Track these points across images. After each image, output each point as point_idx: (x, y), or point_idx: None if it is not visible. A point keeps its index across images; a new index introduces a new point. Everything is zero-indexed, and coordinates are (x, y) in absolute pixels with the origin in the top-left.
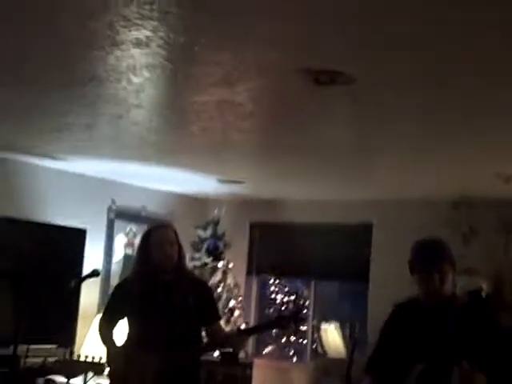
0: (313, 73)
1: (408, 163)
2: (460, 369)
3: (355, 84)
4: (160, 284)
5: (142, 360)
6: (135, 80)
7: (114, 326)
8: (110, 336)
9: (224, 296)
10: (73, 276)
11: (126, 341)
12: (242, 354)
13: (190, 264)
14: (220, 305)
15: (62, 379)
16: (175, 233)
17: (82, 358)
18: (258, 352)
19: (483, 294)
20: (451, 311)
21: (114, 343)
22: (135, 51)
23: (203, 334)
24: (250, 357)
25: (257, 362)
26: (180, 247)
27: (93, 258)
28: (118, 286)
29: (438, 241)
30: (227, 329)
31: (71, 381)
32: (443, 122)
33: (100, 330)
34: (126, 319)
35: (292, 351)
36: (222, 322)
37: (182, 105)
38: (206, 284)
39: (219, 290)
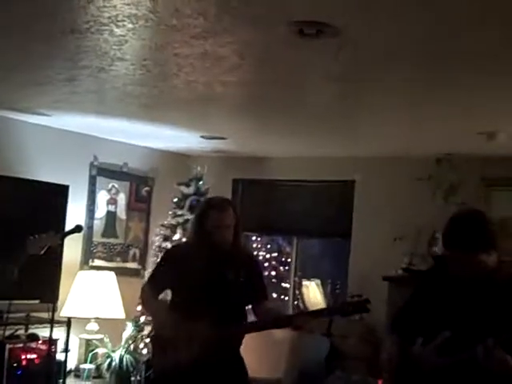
0: (298, 24)
1: (392, 120)
2: (484, 346)
3: (341, 36)
4: (213, 258)
5: (190, 329)
6: (117, 31)
7: (160, 293)
8: (155, 303)
9: None
10: (56, 231)
11: (170, 309)
12: None
13: (172, 221)
14: None
15: (45, 333)
16: (233, 210)
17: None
18: None
19: None
20: (487, 286)
21: (161, 309)
22: (118, 1)
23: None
24: None
25: None
26: (237, 224)
27: (75, 214)
28: (167, 254)
29: (477, 214)
30: None
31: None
32: (428, 78)
33: (144, 297)
34: (171, 288)
35: (275, 308)
36: None
37: (165, 57)
38: (257, 262)
39: None
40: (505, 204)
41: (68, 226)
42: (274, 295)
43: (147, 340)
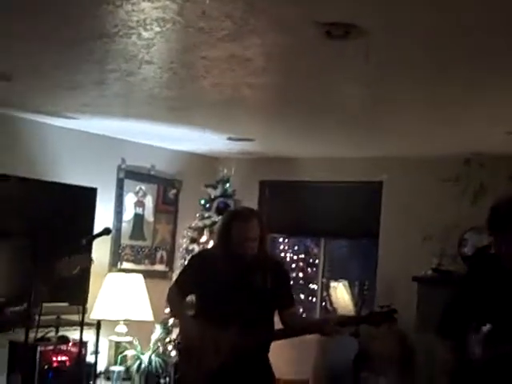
0: (325, 26)
1: (419, 120)
2: None
3: (368, 37)
4: (239, 265)
5: (217, 336)
6: (145, 35)
7: (186, 297)
8: (181, 307)
9: None
10: (84, 234)
11: (194, 315)
12: None
13: (199, 223)
14: None
15: (75, 336)
16: (259, 221)
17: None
18: None
19: (492, 250)
20: None
21: (187, 315)
22: (145, 5)
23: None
24: None
25: None
26: (263, 234)
27: (103, 216)
28: (193, 259)
29: None
30: None
31: (84, 337)
32: (456, 78)
33: (171, 301)
34: (196, 294)
35: (302, 309)
36: None
37: (192, 60)
38: (284, 268)
39: None
40: None
41: (96, 229)
42: (302, 296)
43: (176, 342)
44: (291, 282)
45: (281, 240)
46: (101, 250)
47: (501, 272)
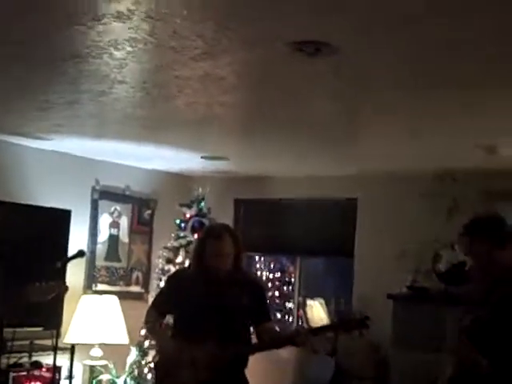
0: (296, 44)
1: (392, 137)
2: None
3: (340, 54)
4: (213, 280)
5: (193, 354)
6: (117, 55)
7: (163, 318)
8: (158, 326)
9: None
10: (58, 257)
11: (172, 335)
12: None
13: (175, 243)
14: None
15: (49, 360)
16: (233, 237)
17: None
18: None
19: (467, 267)
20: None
21: (164, 334)
22: (116, 25)
23: (252, 334)
24: None
25: None
26: (238, 250)
27: (78, 238)
28: (169, 279)
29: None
30: None
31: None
32: (428, 94)
33: (148, 321)
34: (173, 313)
35: (278, 328)
36: None
37: (165, 79)
38: (259, 285)
39: None
40: (508, 217)
41: (71, 251)
42: (278, 315)
43: (151, 365)
44: (267, 298)
45: (257, 258)
46: (75, 272)
47: None
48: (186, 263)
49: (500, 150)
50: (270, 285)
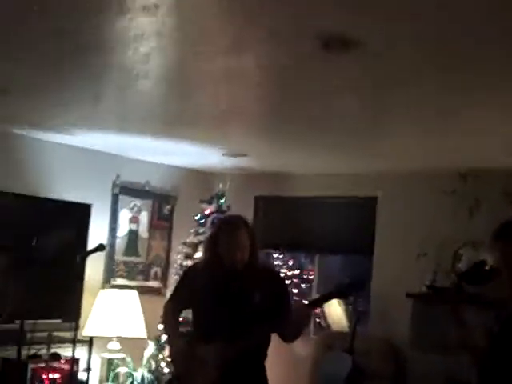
0: (323, 39)
1: (415, 134)
2: None
3: (366, 51)
4: (229, 278)
5: (206, 353)
6: (142, 49)
7: (180, 312)
8: (175, 326)
9: None
10: (78, 251)
11: (192, 330)
12: None
13: (194, 239)
14: None
15: (68, 353)
16: (247, 229)
17: None
18: None
19: (487, 266)
20: None
21: (178, 335)
22: (142, 19)
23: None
24: None
25: None
26: (254, 242)
27: (98, 232)
28: (186, 273)
29: None
30: None
31: (76, 354)
32: (456, 92)
33: (166, 317)
34: (191, 308)
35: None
36: None
37: (189, 74)
38: (279, 278)
39: None
40: None
41: (91, 245)
42: None
43: (169, 359)
44: (288, 291)
45: (275, 255)
46: (94, 266)
47: None
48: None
49: None
50: (288, 282)
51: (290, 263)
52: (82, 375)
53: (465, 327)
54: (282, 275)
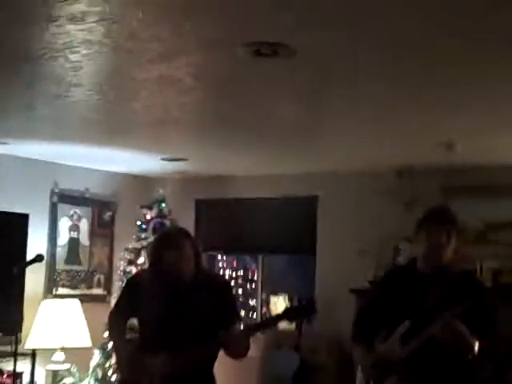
0: (254, 45)
1: (352, 135)
2: (440, 318)
3: (297, 56)
4: (175, 289)
5: (153, 363)
6: (72, 57)
7: (126, 321)
8: (120, 334)
9: None
10: (16, 262)
11: (138, 340)
12: None
13: (136, 244)
14: None
15: (10, 367)
16: (189, 240)
17: None
18: None
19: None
20: (445, 277)
21: (124, 344)
22: (71, 27)
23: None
24: None
25: None
26: (197, 254)
27: (37, 242)
28: (130, 280)
29: (450, 208)
30: None
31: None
32: (385, 92)
33: (111, 326)
34: (136, 317)
35: (242, 325)
36: None
37: (121, 82)
38: (225, 285)
39: None
40: (464, 213)
41: (29, 255)
42: (242, 313)
43: (115, 366)
44: (234, 297)
45: (219, 257)
46: (35, 277)
47: (414, 276)
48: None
49: (458, 147)
50: (233, 283)
51: (234, 264)
52: None
53: None
54: (227, 281)
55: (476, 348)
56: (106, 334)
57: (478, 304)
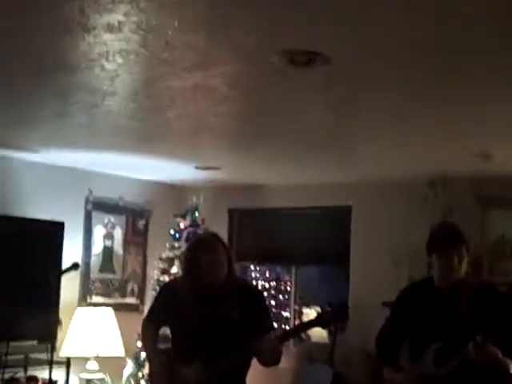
0: (288, 54)
1: (385, 144)
2: (474, 343)
3: (331, 64)
4: (208, 296)
5: (186, 372)
6: (108, 66)
7: (158, 329)
8: (152, 343)
9: None
10: (52, 270)
11: (170, 348)
12: None
13: (169, 253)
14: None
15: (45, 375)
16: (223, 247)
17: None
18: None
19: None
20: (464, 291)
21: (157, 353)
22: (107, 36)
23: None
24: None
25: None
26: (230, 260)
27: (72, 250)
28: (162, 290)
29: (454, 224)
30: None
31: (54, 375)
32: (420, 100)
33: (143, 335)
34: (169, 326)
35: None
36: None
37: (156, 90)
38: (258, 293)
39: None
40: (500, 224)
41: (65, 263)
42: (275, 324)
43: (148, 377)
44: (267, 305)
45: (252, 268)
46: (70, 285)
47: (433, 293)
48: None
49: (494, 157)
50: (265, 294)
51: (267, 275)
52: None
53: None
54: (259, 290)
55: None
56: (139, 343)
57: (506, 322)
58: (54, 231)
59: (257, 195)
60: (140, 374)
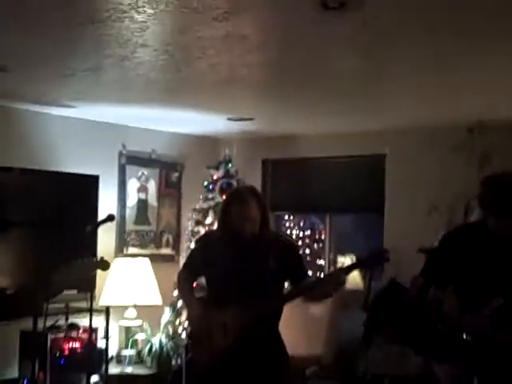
0: None
1: (421, 89)
2: None
3: (364, 7)
4: (241, 247)
5: (222, 317)
6: (138, 18)
7: (195, 280)
8: (189, 292)
9: None
10: (88, 222)
11: (206, 297)
12: None
13: (203, 205)
14: None
15: (85, 322)
16: (258, 201)
17: None
18: None
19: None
20: None
21: (194, 300)
22: None
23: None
24: None
25: None
26: (264, 213)
27: (107, 203)
28: (199, 240)
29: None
30: None
31: (94, 323)
32: (456, 44)
33: (180, 285)
34: (204, 275)
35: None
36: None
37: (187, 41)
38: (290, 243)
39: None
40: None
41: (100, 216)
42: (310, 273)
43: (186, 324)
44: (300, 255)
45: (286, 217)
46: (106, 237)
47: (490, 239)
48: (216, 224)
49: None
50: (300, 243)
51: (301, 224)
52: (100, 343)
53: None
54: (293, 241)
55: None
56: (176, 292)
57: None
58: (89, 184)
59: (290, 145)
60: (177, 322)
